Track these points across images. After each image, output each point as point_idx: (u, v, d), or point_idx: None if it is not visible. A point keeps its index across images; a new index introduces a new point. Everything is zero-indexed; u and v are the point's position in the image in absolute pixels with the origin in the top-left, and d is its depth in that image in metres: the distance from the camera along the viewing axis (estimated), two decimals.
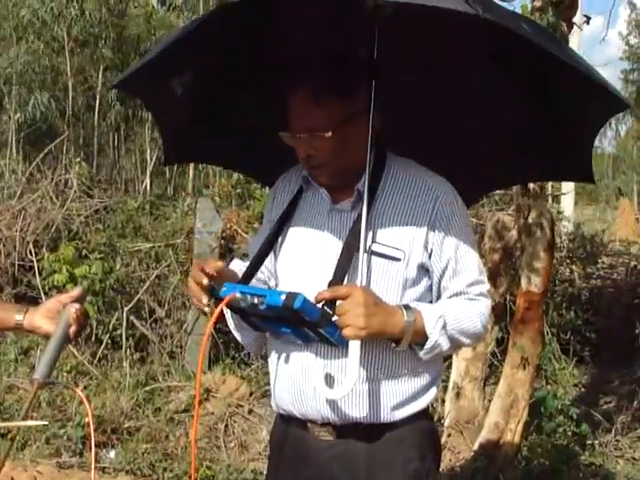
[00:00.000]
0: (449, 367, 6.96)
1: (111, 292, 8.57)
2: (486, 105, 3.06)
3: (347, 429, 2.76)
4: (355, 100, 2.67)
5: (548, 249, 5.88)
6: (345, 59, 2.64)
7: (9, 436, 2.81)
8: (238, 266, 3.00)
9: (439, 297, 2.82)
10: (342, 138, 2.65)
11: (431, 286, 2.81)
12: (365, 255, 2.62)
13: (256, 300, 2.53)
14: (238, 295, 2.57)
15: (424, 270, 2.77)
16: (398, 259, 2.71)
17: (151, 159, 14.99)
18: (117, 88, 3.14)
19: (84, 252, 8.91)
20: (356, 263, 2.64)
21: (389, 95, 2.72)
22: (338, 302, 2.54)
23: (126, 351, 8.24)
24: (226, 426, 6.95)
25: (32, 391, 2.54)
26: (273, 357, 2.91)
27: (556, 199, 12.64)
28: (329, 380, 2.67)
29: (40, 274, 8.81)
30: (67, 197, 9.84)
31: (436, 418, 6.68)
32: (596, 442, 6.89)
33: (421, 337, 2.65)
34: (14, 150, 14.00)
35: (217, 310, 2.60)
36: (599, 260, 10.25)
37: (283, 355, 2.83)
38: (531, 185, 5.69)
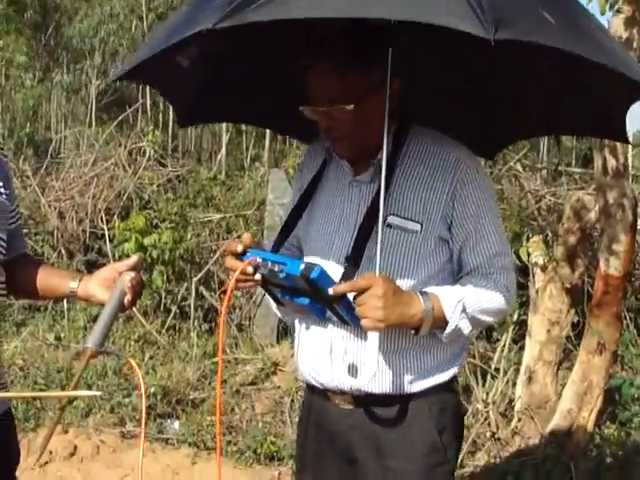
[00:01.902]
0: (521, 349, 6.81)
1: (181, 262, 8.59)
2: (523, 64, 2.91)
3: (366, 399, 2.77)
4: (377, 72, 2.57)
5: (629, 231, 5.67)
6: (366, 30, 2.52)
7: (58, 406, 2.73)
8: None
9: (460, 270, 2.78)
10: (364, 110, 2.59)
11: (451, 258, 2.78)
12: (382, 229, 2.57)
13: (276, 268, 2.54)
14: (259, 260, 2.57)
15: (443, 242, 2.74)
16: (416, 231, 2.69)
17: (227, 130, 14.96)
18: (121, 79, 3.07)
19: (155, 221, 8.94)
20: (373, 237, 2.61)
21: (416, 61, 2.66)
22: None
23: (194, 322, 8.24)
24: (292, 401, 6.85)
25: (84, 359, 2.46)
26: (296, 330, 2.97)
27: (637, 180, 12.35)
28: (352, 369, 2.72)
29: (111, 242, 8.85)
30: (140, 165, 9.87)
31: (506, 402, 6.56)
32: None
33: (441, 322, 2.63)
34: (91, 118, 14.10)
35: (236, 272, 2.58)
36: None
37: (304, 328, 2.88)
38: (612, 163, 5.47)
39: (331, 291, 2.47)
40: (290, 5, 2.08)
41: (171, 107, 3.50)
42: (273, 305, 2.98)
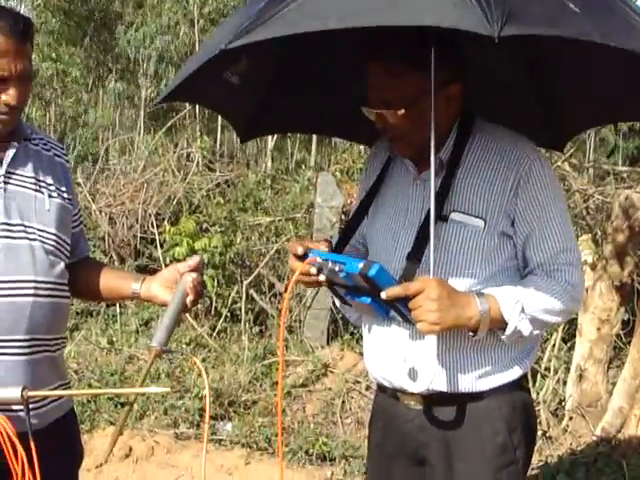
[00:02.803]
0: (571, 348, 6.81)
1: (231, 266, 8.64)
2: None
3: (434, 399, 2.76)
4: (434, 72, 2.52)
5: None
6: (419, 31, 2.51)
7: (129, 400, 2.82)
8: None
9: (526, 266, 2.75)
10: (418, 112, 2.57)
11: (516, 255, 2.76)
12: (434, 227, 2.56)
13: (337, 267, 2.56)
14: (319, 260, 2.61)
15: (508, 238, 2.73)
16: (479, 227, 2.68)
17: (273, 135, 15.01)
18: (164, 102, 3.14)
19: (205, 225, 9.01)
20: (436, 233, 2.59)
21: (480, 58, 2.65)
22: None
23: (245, 325, 8.30)
24: (343, 402, 6.90)
25: (150, 358, 2.54)
26: (365, 330, 2.97)
27: None
28: (412, 372, 2.73)
29: (161, 247, 8.94)
30: (189, 171, 9.96)
31: (557, 401, 6.55)
32: None
33: (500, 323, 2.61)
34: (140, 124, 14.23)
35: (297, 272, 2.64)
36: None
37: (370, 328, 2.89)
38: None
39: (384, 295, 2.48)
40: (290, 21, 2.13)
41: (229, 124, 3.54)
42: (344, 312, 3.05)
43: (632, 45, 2.12)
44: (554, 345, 7.11)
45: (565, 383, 6.63)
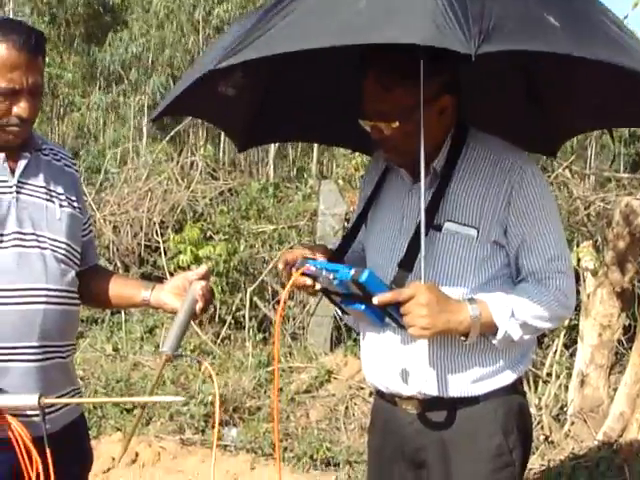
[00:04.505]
0: (573, 354, 6.85)
1: (235, 273, 8.69)
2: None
3: (431, 403, 2.80)
4: (426, 86, 2.53)
5: None
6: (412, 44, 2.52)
7: (140, 404, 2.86)
8: None
9: (518, 274, 2.79)
10: (413, 124, 2.57)
11: (509, 264, 2.79)
12: (427, 236, 2.60)
13: (331, 276, 2.60)
14: (312, 268, 2.66)
15: (500, 247, 2.75)
16: (472, 237, 2.71)
17: (270, 144, 15.11)
18: (159, 118, 3.19)
19: (209, 233, 9.06)
20: (428, 242, 2.64)
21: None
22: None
23: (249, 332, 8.34)
24: (346, 408, 6.94)
25: (160, 364, 2.59)
26: (361, 337, 3.03)
27: None
28: (404, 376, 2.78)
29: (165, 254, 8.99)
30: (192, 179, 10.01)
31: (559, 406, 6.59)
32: None
33: (491, 328, 2.64)
34: (144, 133, 14.31)
35: (290, 280, 2.69)
36: None
37: (368, 335, 2.94)
38: None
39: (375, 300, 2.52)
40: (276, 42, 2.20)
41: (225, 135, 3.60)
42: (346, 319, 3.08)
43: (610, 57, 2.17)
44: (556, 351, 7.15)
45: (567, 388, 6.66)
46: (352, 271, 2.54)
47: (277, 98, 3.22)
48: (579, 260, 6.75)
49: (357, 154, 10.09)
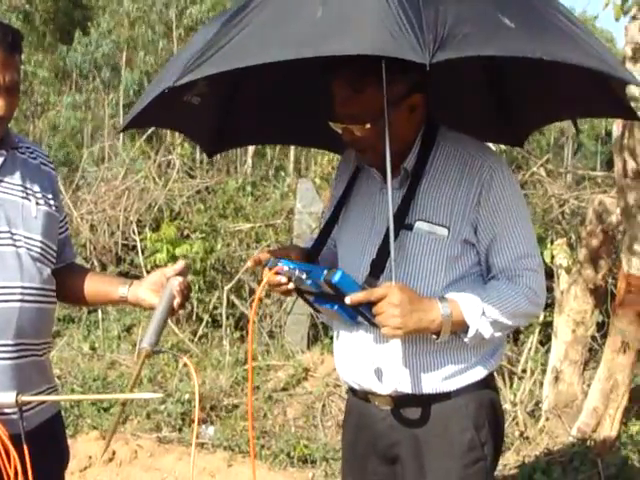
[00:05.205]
0: (548, 351, 6.90)
1: (212, 272, 8.69)
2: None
3: (404, 400, 2.83)
4: (397, 87, 2.57)
5: None
6: None
7: (119, 401, 2.87)
8: None
9: (489, 272, 2.81)
10: (384, 125, 2.56)
11: (479, 262, 2.82)
12: (393, 235, 2.59)
13: (303, 275, 2.65)
14: (285, 268, 2.69)
15: (471, 246, 2.78)
16: (443, 236, 2.74)
17: (238, 147, 15.08)
18: (126, 130, 3.22)
19: (186, 232, 9.06)
20: (400, 242, 2.68)
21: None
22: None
23: (226, 330, 8.34)
24: (323, 406, 6.97)
25: (140, 359, 2.58)
26: (335, 335, 3.05)
27: None
28: (377, 373, 2.80)
29: (143, 253, 8.98)
30: (169, 178, 10.00)
31: (534, 402, 6.65)
32: None
33: (462, 326, 2.67)
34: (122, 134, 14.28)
35: (264, 280, 2.73)
36: None
37: (339, 333, 2.98)
38: (631, 165, 5.53)
39: (348, 300, 2.54)
40: (234, 56, 2.21)
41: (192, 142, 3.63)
42: (321, 317, 3.10)
43: (565, 58, 2.19)
44: (531, 347, 7.20)
45: (541, 384, 6.71)
46: (325, 272, 2.58)
47: (242, 102, 3.23)
48: (553, 257, 6.81)
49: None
